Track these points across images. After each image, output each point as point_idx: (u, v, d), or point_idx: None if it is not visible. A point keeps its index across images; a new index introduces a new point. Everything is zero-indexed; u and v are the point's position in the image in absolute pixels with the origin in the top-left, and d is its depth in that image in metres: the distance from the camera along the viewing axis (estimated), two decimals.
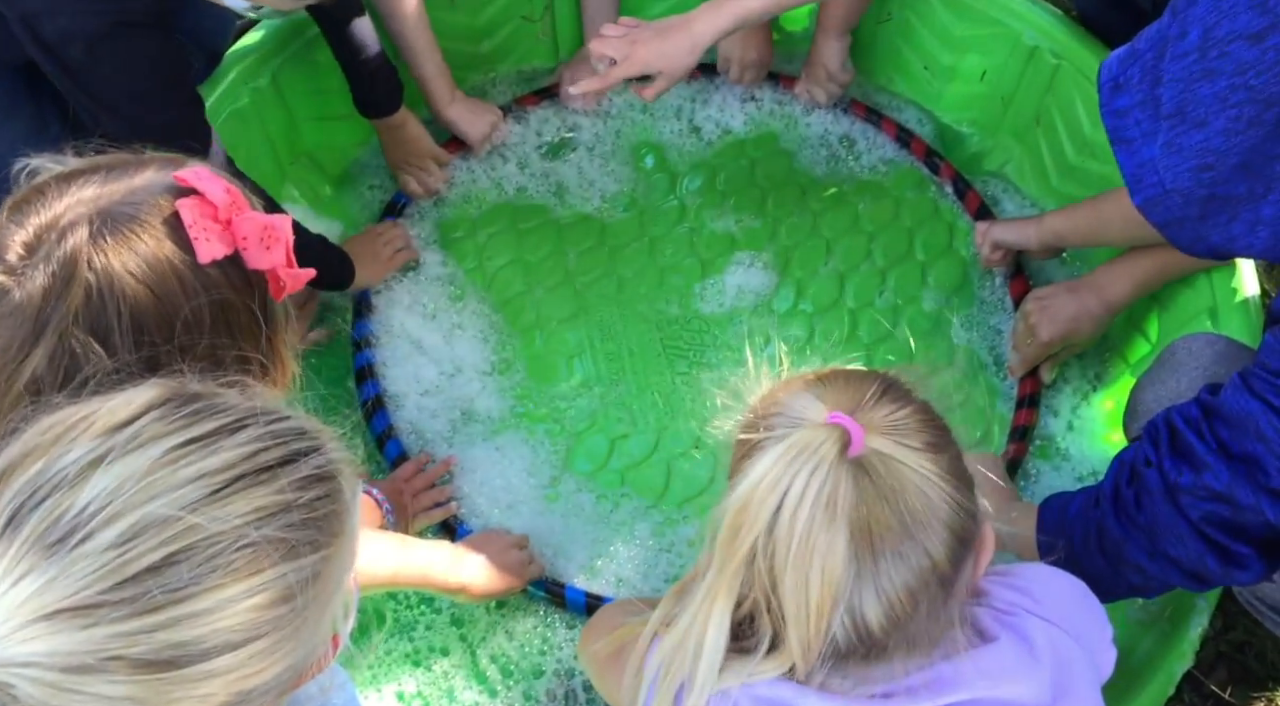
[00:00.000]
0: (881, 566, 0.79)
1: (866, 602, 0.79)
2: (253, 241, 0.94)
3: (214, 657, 0.66)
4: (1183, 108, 0.94)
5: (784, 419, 0.84)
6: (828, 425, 0.81)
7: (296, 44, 1.75)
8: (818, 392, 0.85)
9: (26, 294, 0.88)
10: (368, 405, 1.65)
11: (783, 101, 1.96)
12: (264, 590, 0.68)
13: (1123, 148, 1.02)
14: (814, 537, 0.78)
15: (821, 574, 0.78)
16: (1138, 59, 1.00)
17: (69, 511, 0.65)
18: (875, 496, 0.79)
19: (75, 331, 0.88)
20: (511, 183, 1.89)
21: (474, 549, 1.45)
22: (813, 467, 0.79)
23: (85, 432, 0.69)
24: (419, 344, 1.72)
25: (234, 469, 0.69)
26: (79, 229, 0.89)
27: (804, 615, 0.79)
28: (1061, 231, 1.63)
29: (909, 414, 0.84)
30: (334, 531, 0.74)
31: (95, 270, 0.89)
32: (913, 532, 0.80)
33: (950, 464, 0.84)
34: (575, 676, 1.48)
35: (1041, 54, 1.76)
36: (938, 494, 0.81)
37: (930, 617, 0.82)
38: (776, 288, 1.79)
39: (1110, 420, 1.67)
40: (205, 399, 0.73)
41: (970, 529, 0.84)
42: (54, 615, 0.63)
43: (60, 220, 0.89)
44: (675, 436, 1.66)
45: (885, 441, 0.81)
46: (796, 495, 0.79)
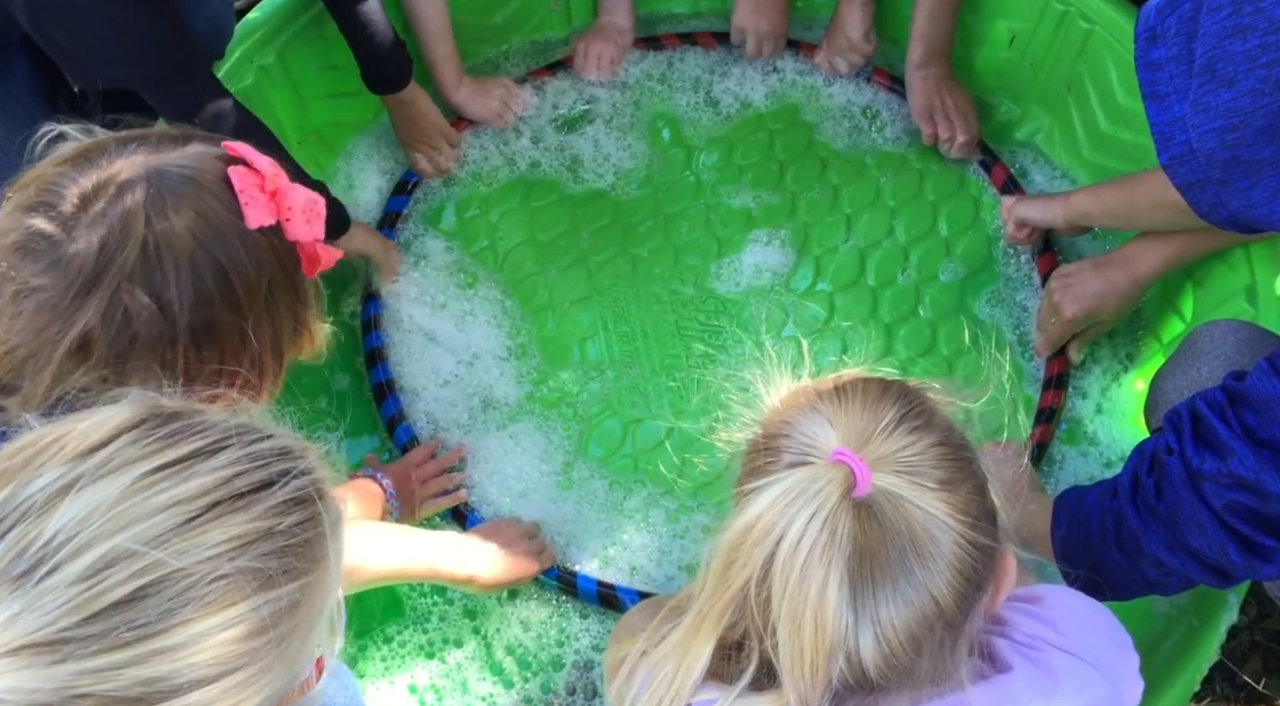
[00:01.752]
0: (882, 612, 0.75)
1: (864, 646, 0.75)
2: (296, 213, 0.97)
3: (187, 693, 0.64)
4: (1212, 64, 0.91)
5: (793, 443, 0.80)
6: (832, 464, 0.77)
7: (302, 20, 1.71)
8: (830, 415, 0.81)
9: (81, 246, 0.88)
10: (378, 389, 1.63)
11: (804, 71, 1.90)
12: (239, 622, 0.66)
13: (1154, 103, 0.98)
14: (808, 586, 0.75)
15: (815, 625, 0.75)
16: (1176, 9, 0.96)
17: (36, 541, 0.63)
18: (879, 539, 0.75)
19: (130, 287, 0.89)
20: (525, 157, 1.85)
21: (484, 538, 1.43)
22: (812, 512, 0.75)
23: (55, 457, 0.67)
24: (432, 336, 1.69)
25: (209, 495, 0.67)
26: (137, 186, 0.90)
27: (798, 665, 0.76)
28: (1089, 211, 1.57)
29: (926, 447, 0.79)
30: (314, 557, 0.71)
31: (152, 228, 0.89)
32: (917, 575, 0.75)
33: (966, 501, 0.79)
34: (594, 668, 1.46)
35: (1072, 18, 1.69)
36: (948, 536, 0.77)
37: (935, 658, 0.78)
38: (795, 266, 1.74)
39: (1142, 402, 1.61)
40: (182, 419, 0.70)
41: (984, 569, 0.79)
42: (20, 650, 0.61)
43: (118, 177, 0.90)
44: (690, 421, 1.63)
45: (895, 480, 0.77)
46: (793, 540, 0.75)
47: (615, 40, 1.89)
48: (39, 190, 0.90)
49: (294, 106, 1.77)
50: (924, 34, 1.75)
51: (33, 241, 0.89)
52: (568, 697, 1.44)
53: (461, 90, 1.81)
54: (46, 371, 0.89)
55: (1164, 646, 1.28)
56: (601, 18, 1.92)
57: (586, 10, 1.96)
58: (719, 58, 1.92)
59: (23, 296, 0.89)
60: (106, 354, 0.90)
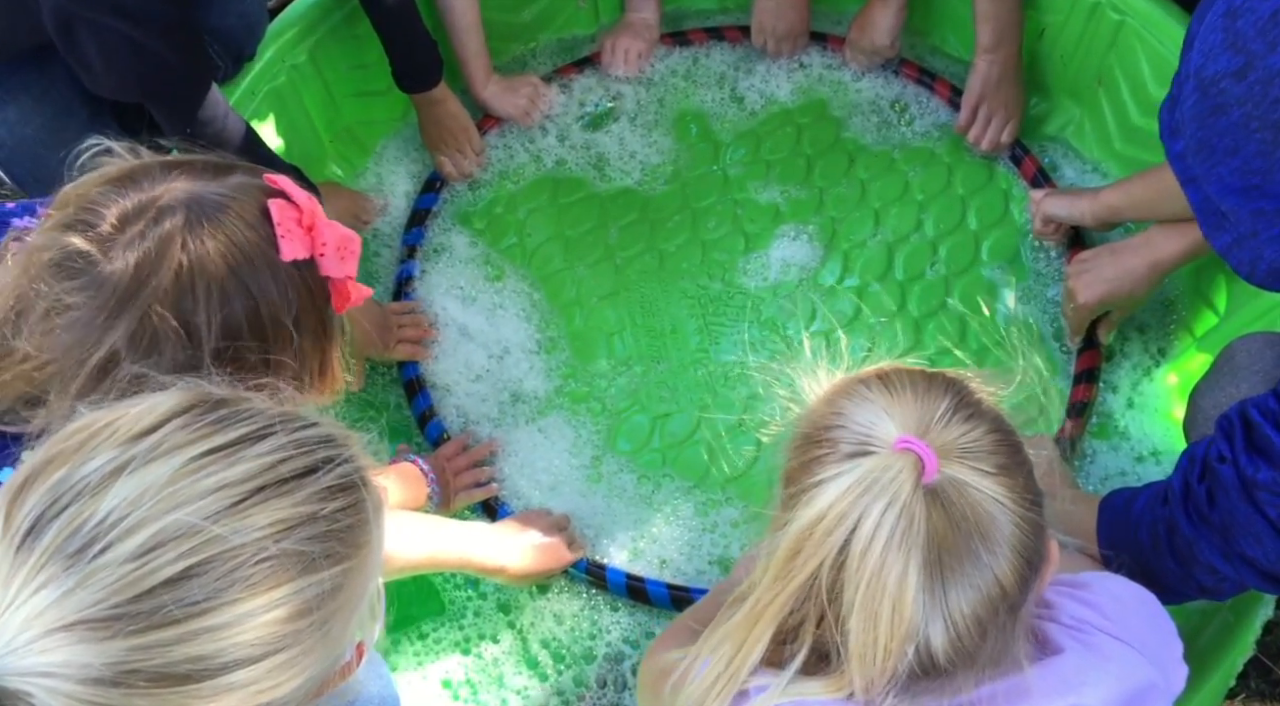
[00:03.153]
0: (951, 597, 0.77)
1: (934, 633, 0.77)
2: (330, 249, 0.97)
3: (232, 672, 0.66)
4: (1208, 141, 0.95)
5: (848, 433, 0.81)
6: (900, 452, 0.78)
7: (333, 19, 1.73)
8: (885, 406, 0.82)
9: (116, 267, 0.90)
10: (410, 385, 1.64)
11: (831, 66, 1.90)
12: (283, 604, 0.68)
13: (1191, 187, 1.01)
14: (886, 576, 0.76)
15: (893, 613, 0.76)
16: (1176, 104, 1.02)
17: (89, 521, 0.65)
18: (948, 525, 0.76)
19: (160, 310, 0.90)
20: (551, 155, 1.86)
21: (514, 529, 1.44)
22: (887, 501, 0.76)
23: (108, 440, 0.68)
24: (465, 329, 1.71)
25: (255, 480, 0.69)
26: (177, 212, 0.91)
27: (870, 653, 0.77)
28: (1117, 206, 1.56)
29: (983, 434, 0.81)
30: (356, 543, 0.73)
31: (188, 253, 0.90)
32: (983, 559, 0.77)
33: (1022, 484, 0.80)
34: (625, 661, 1.47)
35: (1103, 10, 1.68)
36: (1008, 518, 0.78)
37: (997, 641, 0.79)
38: (823, 261, 1.74)
39: (1175, 396, 1.60)
40: (230, 406, 0.72)
41: (1038, 548, 0.81)
42: (73, 626, 0.63)
43: (158, 201, 0.92)
44: (718, 415, 1.63)
45: (959, 467, 0.78)
46: (869, 531, 0.76)
47: (642, 36, 1.90)
48: (79, 208, 0.92)
49: (325, 105, 1.79)
50: (991, 13, 1.68)
51: (69, 259, 0.90)
52: (599, 691, 1.45)
53: (490, 87, 1.83)
54: (72, 386, 0.90)
55: (1198, 641, 1.27)
56: (629, 14, 1.92)
57: (614, 7, 1.97)
58: (744, 54, 1.92)
59: (55, 313, 0.90)
60: (130, 370, 0.90)
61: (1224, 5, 0.92)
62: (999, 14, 1.68)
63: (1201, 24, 0.96)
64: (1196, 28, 0.97)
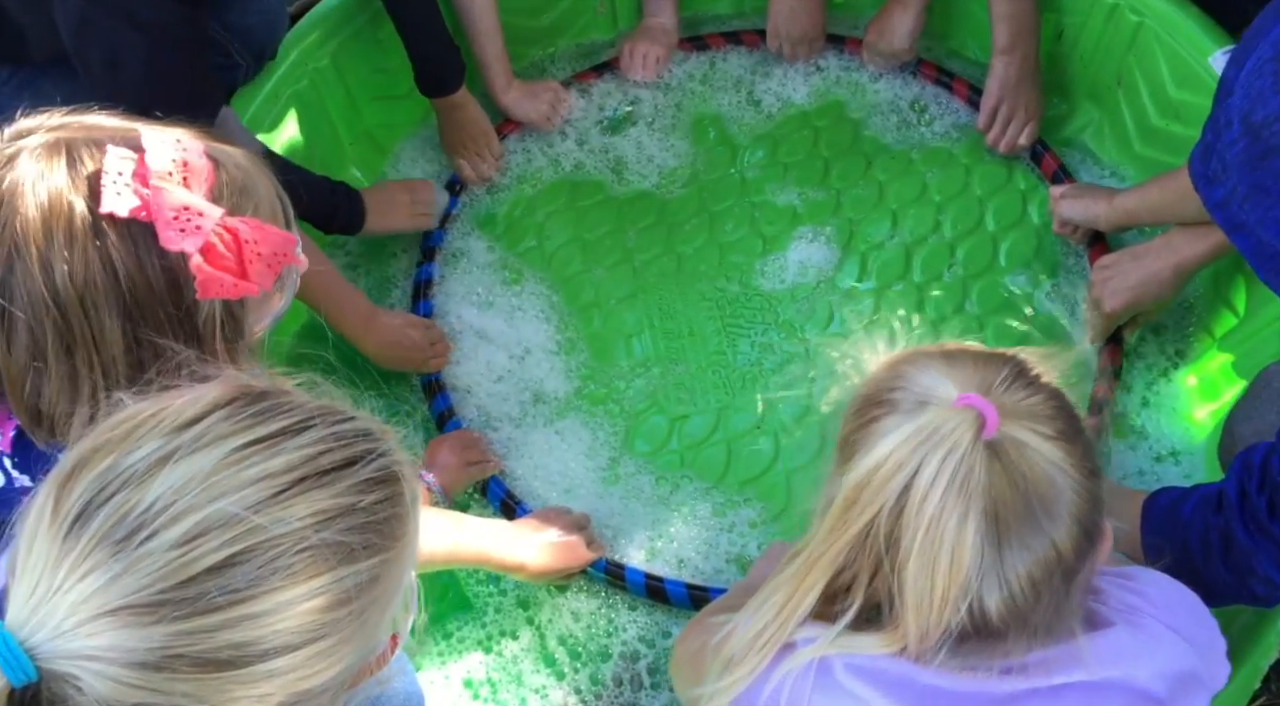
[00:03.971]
0: (1006, 556, 0.77)
1: (988, 591, 0.78)
2: (163, 214, 0.85)
3: (272, 658, 0.67)
4: (1262, 184, 0.95)
5: (909, 394, 0.82)
6: (961, 407, 0.79)
7: (356, 23, 1.74)
8: (945, 370, 0.83)
9: None
10: (429, 387, 1.65)
11: (848, 68, 1.90)
12: (323, 593, 0.68)
13: (1239, 234, 1.01)
14: (944, 524, 0.76)
15: (950, 562, 0.77)
16: (1211, 152, 1.01)
17: (136, 508, 0.66)
18: (1006, 483, 0.77)
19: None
20: (569, 159, 1.87)
21: (534, 527, 1.45)
22: (946, 450, 0.77)
23: (154, 430, 0.69)
24: (483, 333, 1.71)
25: (296, 470, 0.69)
26: (33, 137, 0.87)
27: (927, 602, 0.78)
28: (1133, 211, 1.55)
29: (1042, 400, 0.82)
30: (394, 535, 0.74)
31: (11, 178, 0.85)
32: (1041, 522, 0.78)
33: (1082, 453, 0.81)
34: (640, 660, 1.47)
35: (1122, 11, 1.68)
36: (1068, 483, 0.79)
37: (1050, 608, 0.80)
38: (840, 262, 1.74)
39: (1193, 397, 1.59)
40: (272, 398, 0.73)
41: (1096, 520, 0.82)
42: (119, 611, 0.64)
43: (27, 129, 0.88)
44: (736, 416, 1.64)
45: (1019, 427, 0.79)
46: (928, 479, 0.77)
47: (660, 41, 1.91)
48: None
49: (346, 108, 1.80)
50: (1007, 13, 1.68)
51: None
52: (615, 689, 1.45)
53: (511, 92, 1.84)
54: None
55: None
56: (647, 19, 1.93)
57: (631, 13, 1.98)
58: (761, 58, 1.93)
59: None
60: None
61: (1270, 50, 0.92)
62: (1015, 14, 1.67)
63: (1242, 70, 0.96)
64: (1235, 73, 0.97)
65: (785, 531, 1.53)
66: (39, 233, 0.85)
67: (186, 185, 0.88)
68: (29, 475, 0.97)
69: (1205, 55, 1.57)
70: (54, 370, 0.88)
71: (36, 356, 0.88)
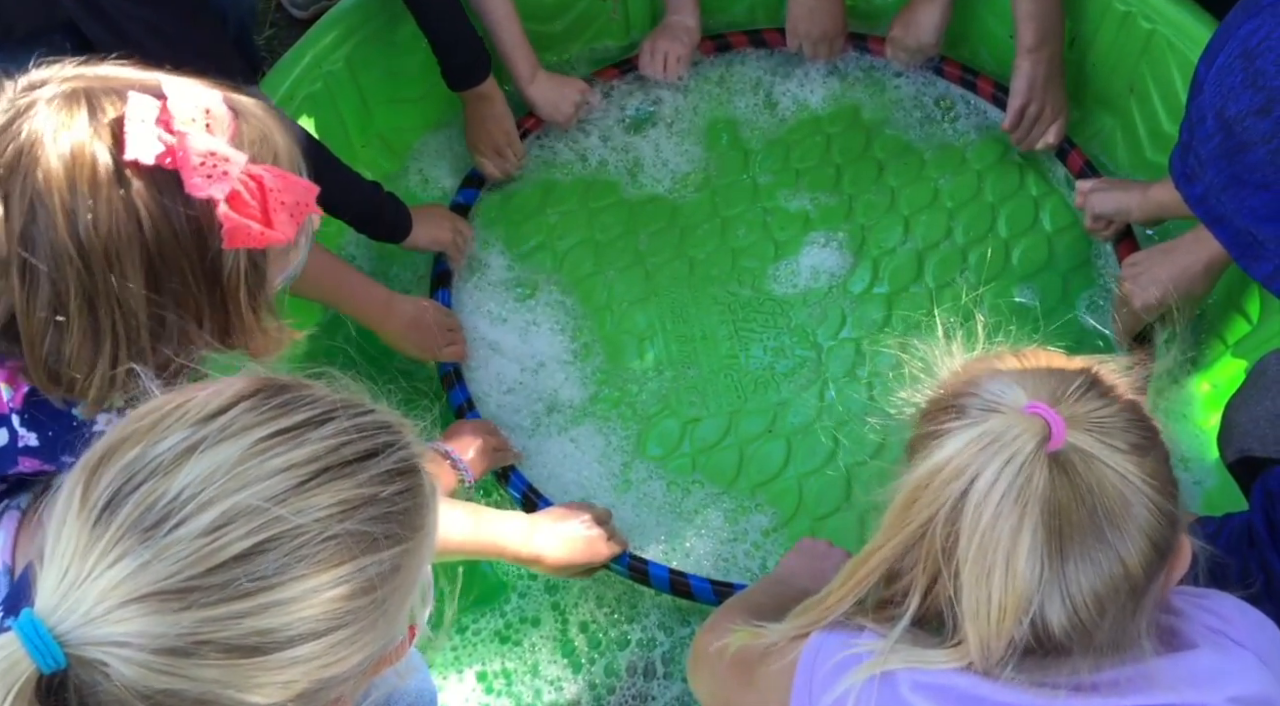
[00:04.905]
0: (1070, 570, 0.76)
1: (1050, 606, 0.76)
2: (187, 161, 0.84)
3: (297, 645, 0.67)
4: (1238, 176, 0.96)
5: (979, 401, 0.81)
6: (1026, 414, 0.78)
7: (371, 25, 1.74)
8: (1018, 378, 0.82)
9: None
10: (446, 378, 1.63)
11: (868, 68, 1.90)
12: (346, 582, 0.69)
13: (1219, 226, 1.03)
14: (1000, 531, 0.75)
15: (1005, 572, 0.75)
16: (1187, 151, 1.02)
17: (164, 497, 0.67)
18: (1071, 495, 0.76)
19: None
20: (595, 155, 1.86)
21: (554, 519, 1.43)
22: (1007, 457, 0.76)
23: (180, 421, 0.70)
24: (496, 346, 1.70)
25: (319, 461, 0.70)
26: (48, 87, 0.86)
27: (984, 612, 0.77)
28: (1167, 202, 1.50)
29: (1116, 411, 0.80)
30: (414, 525, 0.75)
31: (32, 126, 0.84)
32: (1107, 537, 0.76)
33: (1155, 467, 0.79)
34: (656, 648, 1.47)
35: (1134, 19, 1.68)
36: (1138, 498, 0.77)
37: (1116, 626, 0.79)
38: (852, 268, 1.74)
39: (1206, 404, 1.59)
40: (294, 391, 0.74)
41: (1169, 537, 0.79)
42: (147, 597, 0.64)
43: (40, 80, 0.87)
44: (748, 420, 1.64)
45: (1087, 438, 0.77)
46: (986, 483, 0.76)
47: (681, 39, 1.87)
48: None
49: (359, 111, 1.81)
50: (1034, 12, 1.66)
51: None
52: (629, 679, 1.45)
53: (538, 83, 1.79)
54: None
55: None
56: (669, 16, 1.90)
57: (645, 18, 1.97)
58: (782, 59, 1.92)
59: None
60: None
61: (1238, 47, 0.94)
62: (1041, 13, 1.66)
63: (1211, 67, 0.97)
64: (1205, 72, 0.99)
65: (797, 537, 1.52)
66: (61, 182, 0.83)
67: (210, 132, 0.86)
68: (36, 434, 0.95)
69: None
70: (75, 324, 0.87)
71: (58, 310, 0.86)
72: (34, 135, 0.84)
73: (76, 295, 0.85)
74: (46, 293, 0.86)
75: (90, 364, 0.89)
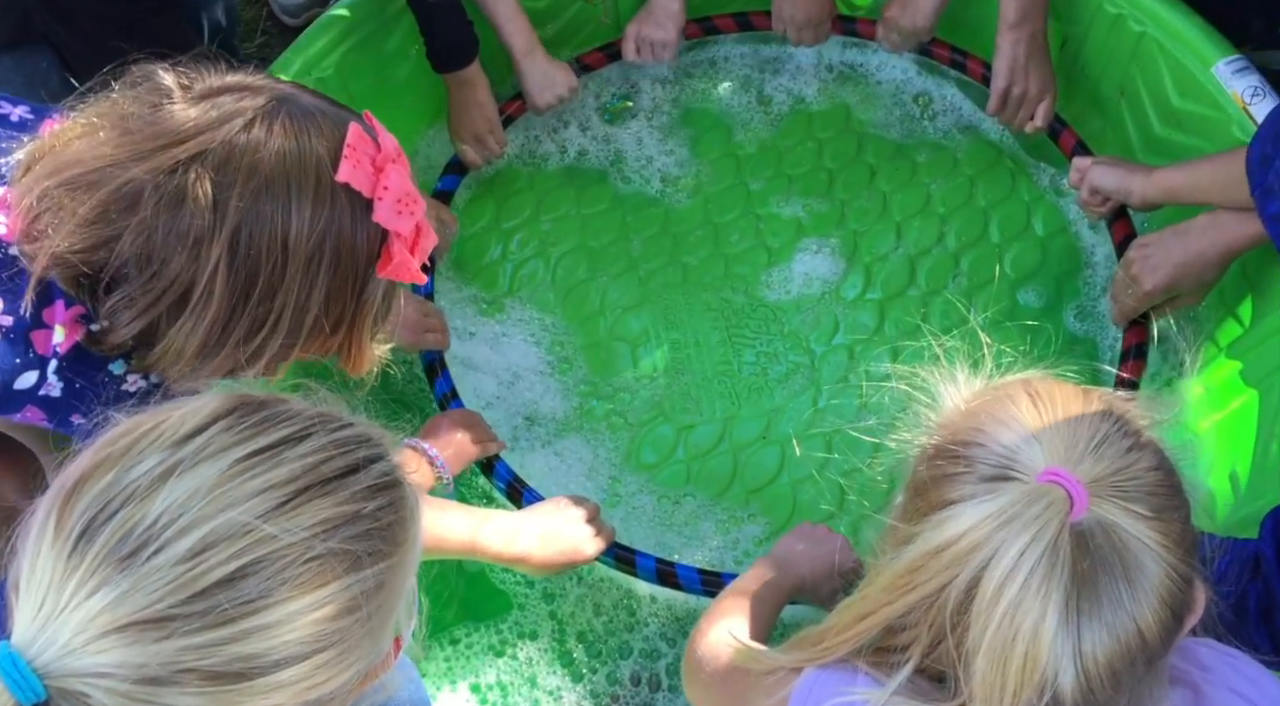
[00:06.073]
0: (1085, 641, 0.72)
1: (1064, 678, 0.72)
2: (390, 196, 0.96)
3: (282, 669, 0.67)
4: None
5: (989, 454, 0.76)
6: (1048, 486, 0.72)
7: (361, 32, 1.73)
8: (1032, 427, 0.76)
9: (177, 109, 0.94)
10: (430, 368, 1.60)
11: (852, 65, 1.90)
12: (330, 602, 0.69)
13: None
14: (1022, 620, 0.71)
15: (1025, 658, 0.71)
16: (1269, 164, 0.98)
17: (141, 524, 0.66)
18: (1090, 568, 0.71)
19: (201, 170, 0.91)
20: (574, 145, 1.86)
21: (538, 517, 1.37)
22: (1029, 539, 0.71)
23: (154, 443, 0.69)
24: (469, 362, 1.68)
25: (299, 480, 0.69)
26: (261, 97, 0.94)
27: (997, 696, 0.72)
28: (1176, 188, 1.46)
29: (1142, 470, 0.75)
30: (397, 540, 0.74)
31: (250, 133, 0.92)
32: (1126, 607, 0.72)
33: (1178, 531, 0.75)
34: (660, 659, 1.47)
35: (1125, 21, 1.68)
36: (1159, 565, 0.73)
37: (1130, 694, 0.75)
38: (845, 274, 1.75)
39: (1199, 408, 1.59)
40: (270, 407, 0.73)
41: (1186, 600, 0.76)
42: (127, 627, 0.64)
43: (253, 87, 0.96)
44: (742, 426, 1.64)
45: (1110, 506, 0.73)
46: (1005, 568, 0.71)
47: (664, 25, 1.81)
48: (199, 69, 0.98)
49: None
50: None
51: (153, 90, 0.96)
52: (633, 688, 1.44)
53: (535, 58, 1.74)
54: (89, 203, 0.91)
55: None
56: (652, 1, 1.84)
57: None
58: (770, 55, 1.92)
59: (111, 120, 0.95)
60: (148, 223, 0.91)
61: None
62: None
63: None
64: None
65: None
66: (284, 186, 0.92)
67: (403, 173, 0.98)
68: (64, 384, 0.99)
69: (1208, 65, 1.58)
70: (245, 311, 0.94)
71: (243, 295, 0.93)
72: (255, 141, 0.92)
73: (263, 285, 0.93)
74: (239, 278, 0.93)
75: (205, 344, 0.95)
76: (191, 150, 0.91)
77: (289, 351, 0.99)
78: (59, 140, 0.97)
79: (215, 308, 0.94)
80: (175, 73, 0.98)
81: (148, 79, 0.97)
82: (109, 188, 0.92)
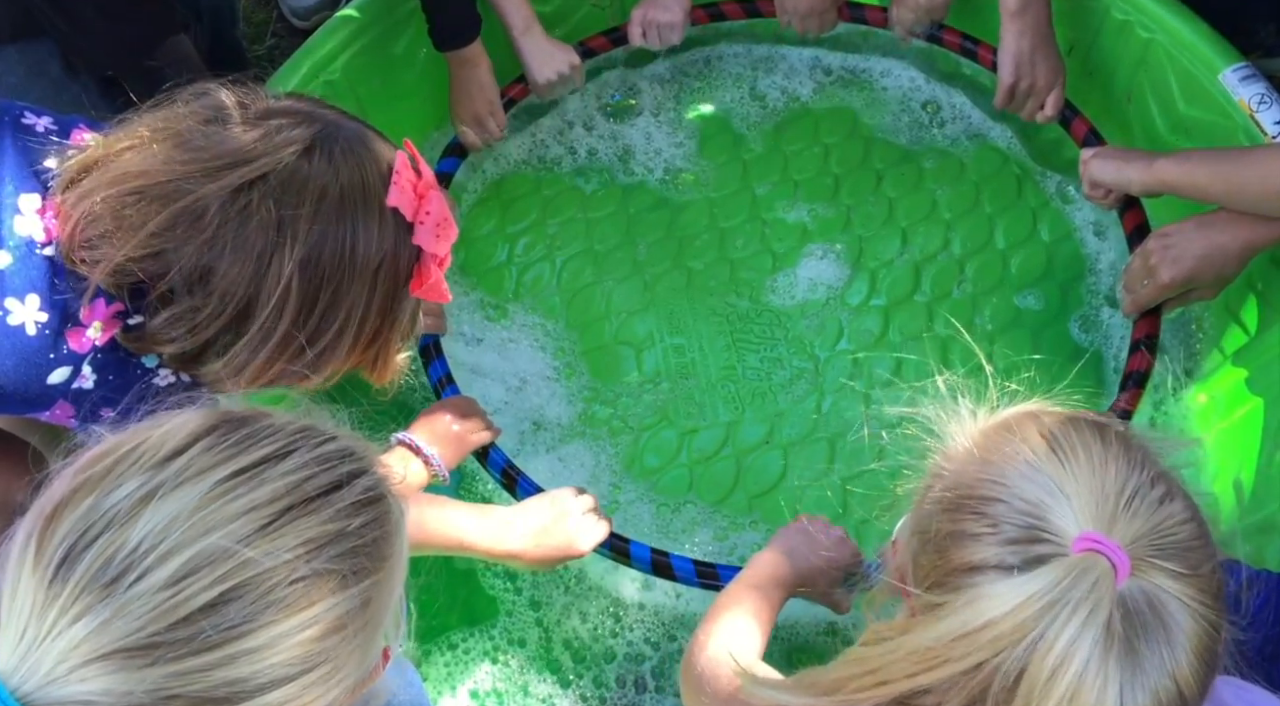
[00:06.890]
0: (1126, 701, 0.69)
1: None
2: (430, 223, 1.03)
3: (269, 692, 0.66)
4: None
5: (1013, 512, 0.72)
6: (1091, 558, 0.69)
7: (369, 35, 1.74)
8: (1056, 479, 0.72)
9: (236, 132, 0.99)
10: (425, 351, 1.58)
11: (855, 71, 1.90)
12: (317, 623, 0.68)
13: None
14: (1083, 697, 0.68)
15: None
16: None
17: (122, 550, 0.65)
18: (1134, 634, 0.69)
19: (264, 188, 0.97)
20: (583, 145, 1.87)
21: (532, 511, 1.34)
22: (1082, 621, 0.68)
23: (134, 466, 0.68)
24: (477, 369, 1.68)
25: (282, 500, 0.69)
26: (316, 125, 1.00)
27: None
28: (1173, 181, 1.43)
29: (1177, 523, 0.72)
30: (383, 555, 0.73)
31: (311, 159, 0.98)
32: (1168, 669, 0.70)
33: (1215, 585, 0.73)
34: (645, 662, 1.47)
35: (1132, 28, 1.68)
36: (1198, 623, 0.71)
37: None
38: (850, 280, 1.75)
39: (1204, 416, 1.59)
40: (250, 423, 0.72)
41: (1218, 650, 0.73)
42: (111, 655, 0.63)
43: (308, 112, 1.02)
44: (745, 431, 1.64)
45: (1151, 570, 0.70)
46: (1061, 651, 0.68)
47: (671, 9, 1.79)
48: (248, 90, 1.04)
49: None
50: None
51: (215, 109, 1.01)
52: (619, 691, 1.45)
53: (532, 35, 1.73)
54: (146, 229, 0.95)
55: None
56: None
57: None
58: (766, 52, 1.92)
59: (167, 134, 0.99)
60: (212, 239, 0.96)
61: None
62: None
63: None
64: None
65: None
66: (348, 208, 0.99)
67: (440, 199, 1.06)
68: (97, 376, 1.03)
69: (1215, 72, 1.58)
70: (309, 322, 1.00)
71: (308, 308, 0.99)
72: (319, 167, 0.99)
73: (328, 301, 1.00)
74: (309, 295, 0.99)
75: (270, 359, 1.01)
76: (256, 171, 0.97)
77: (342, 365, 1.06)
78: (108, 150, 1.00)
79: (285, 323, 0.99)
80: (233, 91, 1.03)
81: (205, 95, 1.02)
82: (182, 202, 0.96)
